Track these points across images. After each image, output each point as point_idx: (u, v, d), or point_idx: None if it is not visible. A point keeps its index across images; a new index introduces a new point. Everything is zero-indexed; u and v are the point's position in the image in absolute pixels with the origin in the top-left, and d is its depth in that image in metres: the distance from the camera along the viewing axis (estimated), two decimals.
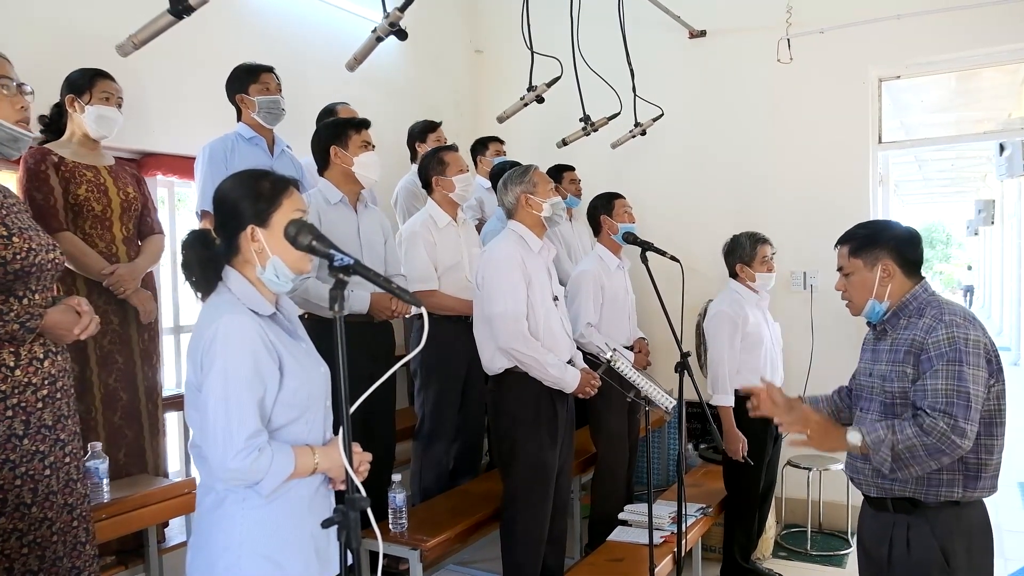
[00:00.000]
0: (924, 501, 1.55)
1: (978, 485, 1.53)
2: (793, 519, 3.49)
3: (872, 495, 1.64)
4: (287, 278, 1.34)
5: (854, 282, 1.66)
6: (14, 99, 1.51)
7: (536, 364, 2.20)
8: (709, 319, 2.81)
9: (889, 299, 1.62)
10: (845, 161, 3.41)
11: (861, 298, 1.65)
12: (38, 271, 1.51)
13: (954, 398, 1.45)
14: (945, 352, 1.49)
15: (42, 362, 1.54)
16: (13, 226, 1.48)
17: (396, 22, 2.02)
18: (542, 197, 2.30)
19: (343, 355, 1.08)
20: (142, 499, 1.99)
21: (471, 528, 2.30)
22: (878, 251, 1.63)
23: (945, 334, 1.50)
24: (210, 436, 1.25)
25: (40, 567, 1.52)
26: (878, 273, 1.62)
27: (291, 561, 1.31)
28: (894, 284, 1.62)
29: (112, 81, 2.13)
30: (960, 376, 1.46)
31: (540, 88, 2.87)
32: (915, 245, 1.65)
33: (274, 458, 1.26)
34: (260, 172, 1.38)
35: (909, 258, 1.63)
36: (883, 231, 1.66)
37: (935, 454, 1.46)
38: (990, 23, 3.11)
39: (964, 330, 1.50)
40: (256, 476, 1.25)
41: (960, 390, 1.45)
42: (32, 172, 2.02)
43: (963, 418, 1.44)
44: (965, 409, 1.45)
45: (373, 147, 2.38)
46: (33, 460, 1.51)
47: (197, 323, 1.34)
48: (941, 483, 1.53)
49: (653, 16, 3.46)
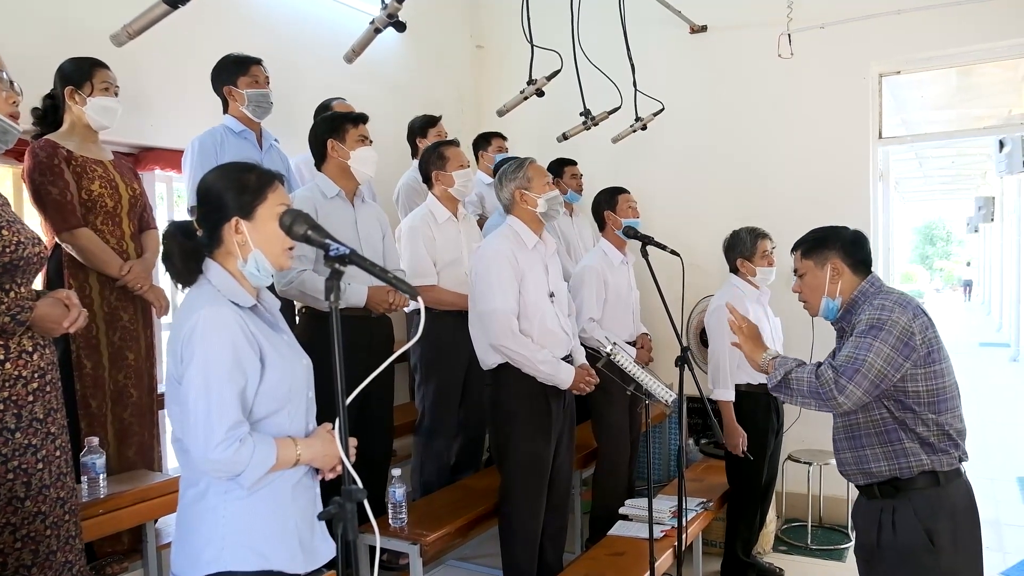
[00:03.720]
0: (901, 476, 1.65)
1: (937, 450, 1.63)
2: (793, 513, 3.49)
3: (860, 483, 1.74)
4: (267, 272, 1.34)
5: (807, 282, 1.82)
6: (7, 94, 1.51)
7: (527, 361, 2.19)
8: (710, 313, 2.81)
9: (841, 295, 1.77)
10: (845, 156, 3.40)
11: (815, 297, 1.80)
12: (25, 264, 1.50)
13: (849, 363, 1.62)
14: (862, 329, 1.64)
15: (31, 355, 1.53)
16: (1, 219, 1.47)
17: (394, 13, 2.01)
18: (537, 192, 2.28)
19: (339, 345, 1.07)
20: (139, 494, 1.98)
21: (471, 523, 2.30)
22: (827, 251, 1.79)
23: (868, 315, 1.66)
24: (191, 428, 1.24)
25: (34, 561, 1.51)
26: (828, 272, 1.77)
27: (275, 552, 1.31)
28: (844, 281, 1.77)
29: (108, 70, 2.11)
30: (861, 347, 1.62)
31: (540, 82, 2.86)
32: (860, 245, 1.80)
33: (255, 449, 1.25)
34: (246, 165, 1.37)
35: (856, 257, 1.78)
36: (830, 234, 1.82)
37: (812, 396, 1.66)
38: (991, 18, 3.11)
39: (888, 312, 1.63)
40: (237, 468, 1.25)
41: (857, 357, 1.61)
42: (45, 166, 1.98)
43: (847, 379, 1.61)
44: (853, 373, 1.61)
45: (371, 142, 2.37)
46: (26, 454, 1.51)
47: (176, 315, 1.34)
48: (908, 455, 1.64)
49: (654, 11, 3.45)
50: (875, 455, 1.68)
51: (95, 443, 1.96)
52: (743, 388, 2.75)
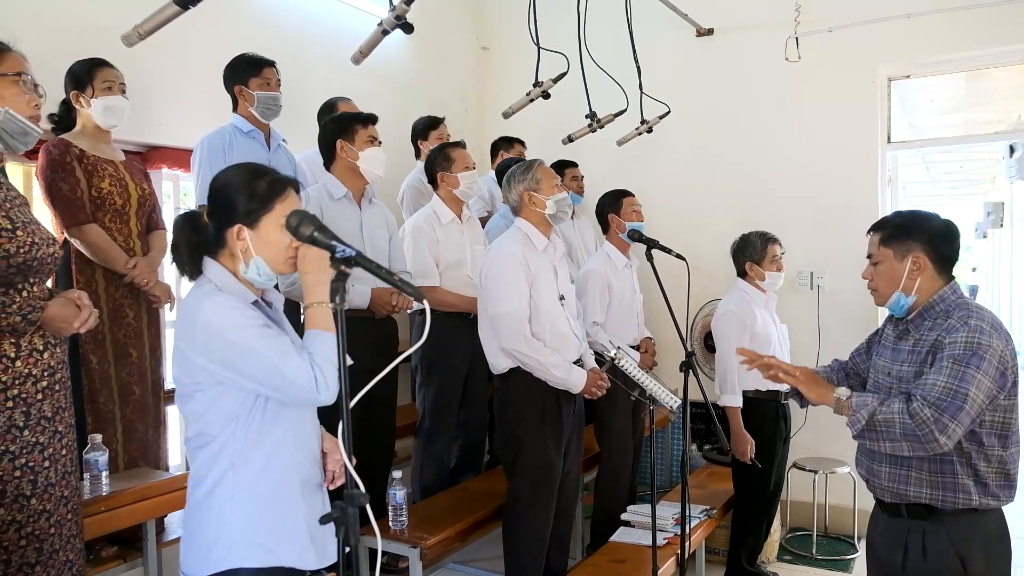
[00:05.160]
0: (940, 508, 1.51)
1: (989, 492, 1.49)
2: (798, 522, 3.46)
3: (886, 500, 1.60)
4: (268, 277, 1.34)
5: (881, 272, 1.59)
6: (30, 96, 1.53)
7: (539, 366, 2.18)
8: (717, 319, 2.79)
9: (917, 294, 1.55)
10: (853, 161, 3.38)
11: (888, 288, 1.58)
12: (39, 265, 1.51)
13: (949, 396, 1.41)
14: (958, 353, 1.45)
15: (42, 354, 1.54)
16: (17, 220, 1.48)
17: (402, 15, 2.00)
18: (546, 194, 2.27)
19: (344, 347, 1.06)
20: (141, 492, 1.98)
21: (472, 526, 2.29)
22: (910, 242, 1.55)
23: (965, 337, 1.45)
24: (289, 393, 1.26)
25: (37, 559, 1.51)
26: (907, 265, 1.55)
27: (284, 548, 1.30)
28: (923, 279, 1.55)
29: (111, 68, 2.12)
30: (963, 377, 1.42)
31: (546, 84, 2.85)
32: (950, 240, 1.57)
33: (323, 356, 1.25)
34: (260, 170, 1.36)
35: (943, 253, 1.55)
36: (918, 222, 1.58)
37: (910, 438, 1.44)
38: (1001, 22, 3.08)
39: (987, 337, 1.45)
40: (336, 380, 1.24)
41: (958, 390, 1.41)
42: (58, 163, 2.02)
43: (950, 417, 1.40)
44: (956, 410, 1.40)
45: (380, 143, 2.37)
46: (33, 452, 1.51)
47: (179, 316, 1.34)
48: (956, 489, 1.49)
49: (660, 14, 3.43)
50: (918, 480, 1.52)
51: (98, 440, 1.97)
52: (750, 394, 2.73)
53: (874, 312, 3.35)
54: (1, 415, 1.47)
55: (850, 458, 3.34)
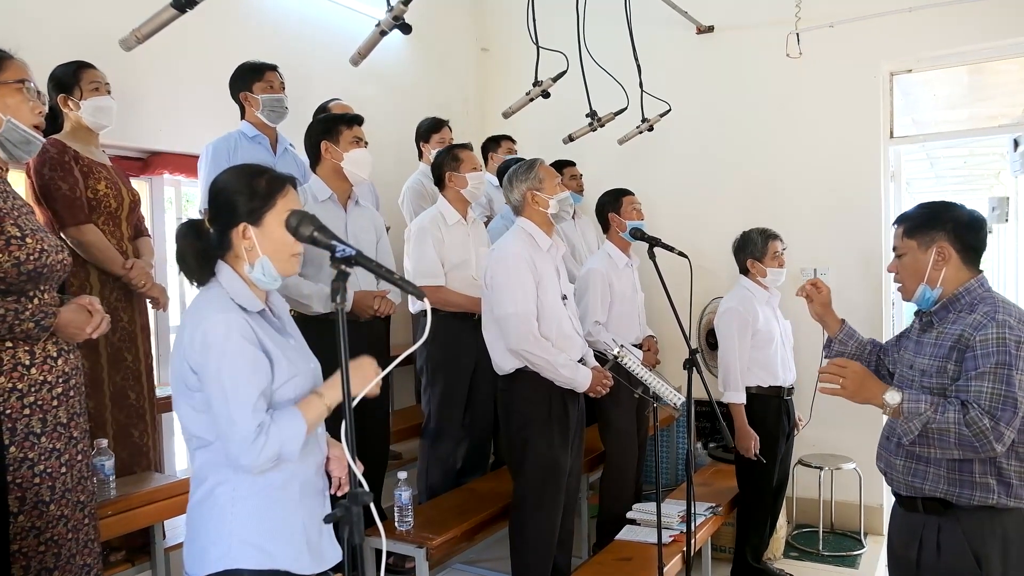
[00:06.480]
0: (956, 504, 1.49)
1: (1012, 492, 1.46)
2: (804, 519, 3.45)
3: (902, 493, 1.58)
4: (273, 278, 1.34)
5: (906, 263, 1.56)
6: (34, 104, 1.53)
7: (547, 365, 2.17)
8: (720, 316, 2.79)
9: (942, 286, 1.52)
10: (856, 156, 3.37)
11: (913, 282, 1.54)
12: (49, 272, 1.52)
13: (1000, 403, 1.40)
14: (993, 353, 1.42)
15: (56, 360, 1.55)
16: (26, 227, 1.49)
17: (400, 16, 2.01)
18: (549, 193, 2.27)
19: (345, 347, 1.07)
20: (148, 496, 1.99)
21: (478, 527, 2.29)
22: (934, 232, 1.52)
23: (996, 333, 1.42)
24: (223, 436, 1.26)
25: (56, 564, 1.52)
26: (932, 256, 1.51)
27: (281, 550, 1.31)
28: (949, 270, 1.51)
29: (95, 69, 2.11)
30: (1009, 381, 1.40)
31: (546, 83, 2.85)
32: (976, 230, 1.53)
33: (280, 429, 1.25)
34: (258, 169, 1.37)
35: (968, 243, 1.52)
36: (942, 212, 1.55)
37: (965, 446, 1.42)
38: (1003, 15, 3.07)
39: (1017, 332, 1.42)
40: (271, 457, 1.25)
41: (1008, 396, 1.40)
42: (56, 162, 2.02)
43: (1006, 423, 1.39)
44: (1011, 415, 1.39)
45: (366, 144, 2.35)
46: (51, 458, 1.52)
47: (185, 318, 1.35)
48: (975, 487, 1.47)
49: (660, 11, 3.43)
50: (936, 475, 1.50)
51: (104, 445, 1.97)
52: (753, 390, 2.72)
53: (878, 308, 3.34)
54: (19, 422, 1.48)
55: (856, 454, 3.36)
